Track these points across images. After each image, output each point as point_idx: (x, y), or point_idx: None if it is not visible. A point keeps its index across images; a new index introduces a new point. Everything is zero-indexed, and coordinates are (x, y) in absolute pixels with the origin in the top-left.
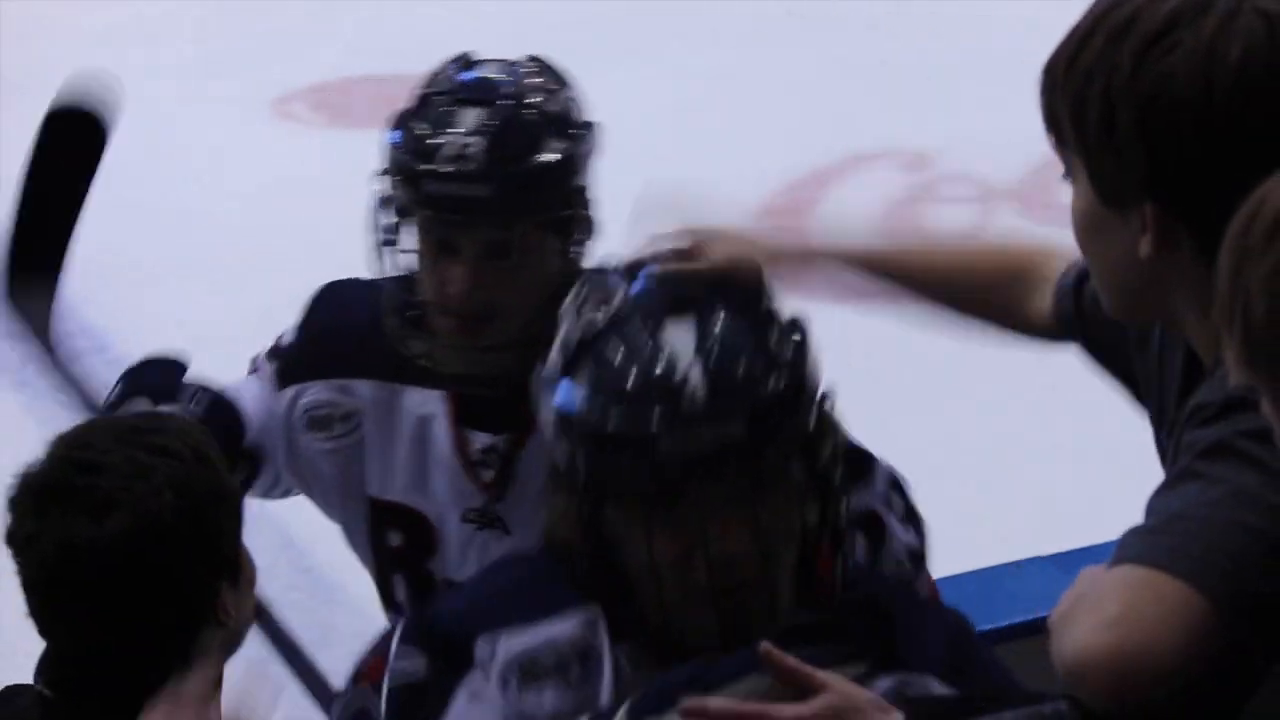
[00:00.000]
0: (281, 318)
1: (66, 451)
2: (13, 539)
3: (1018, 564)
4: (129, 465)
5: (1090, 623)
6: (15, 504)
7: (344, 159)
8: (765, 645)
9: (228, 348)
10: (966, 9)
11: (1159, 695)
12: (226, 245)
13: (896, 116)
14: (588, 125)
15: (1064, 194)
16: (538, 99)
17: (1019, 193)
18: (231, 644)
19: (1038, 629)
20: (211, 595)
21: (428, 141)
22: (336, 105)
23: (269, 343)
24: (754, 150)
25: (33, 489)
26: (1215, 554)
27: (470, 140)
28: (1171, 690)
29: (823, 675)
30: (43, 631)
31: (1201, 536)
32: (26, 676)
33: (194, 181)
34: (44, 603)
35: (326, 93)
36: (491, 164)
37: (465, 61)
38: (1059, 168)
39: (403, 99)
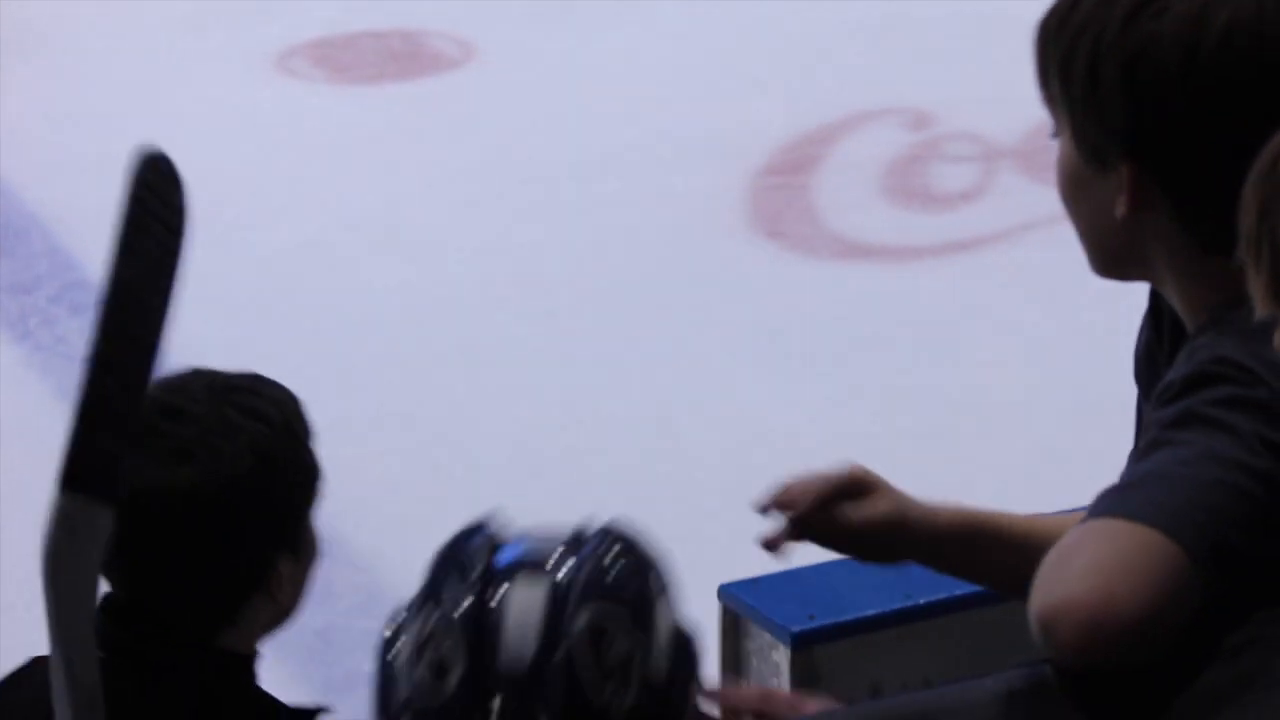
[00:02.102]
0: (280, 271)
1: (159, 393)
2: None
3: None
4: (217, 420)
5: (1060, 575)
6: None
7: (345, 114)
8: None
9: (227, 301)
10: None
11: (1128, 649)
12: (226, 200)
13: (900, 74)
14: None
15: None
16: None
17: (1022, 151)
18: (278, 619)
19: None
20: (269, 566)
21: None
22: (338, 60)
23: None
24: (757, 107)
25: None
26: (1190, 507)
27: None
28: (1140, 645)
29: None
30: (105, 573)
31: (1176, 491)
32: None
33: (194, 137)
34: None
35: (328, 48)
36: None
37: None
38: None
39: (404, 53)
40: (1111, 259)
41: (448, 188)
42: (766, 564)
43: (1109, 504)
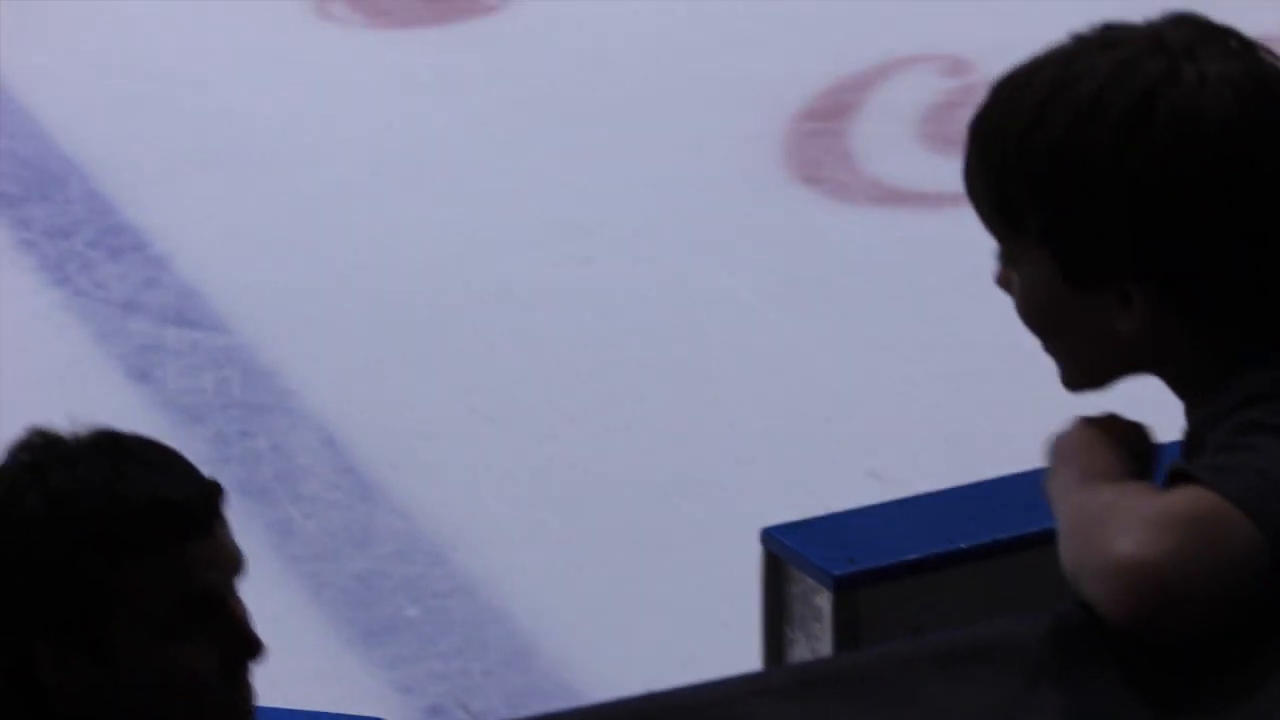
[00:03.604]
0: (317, 214)
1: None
2: None
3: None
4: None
5: (1140, 526)
6: None
7: (384, 58)
8: None
9: (263, 242)
10: None
11: (1185, 618)
12: (262, 144)
13: (935, 21)
14: None
15: None
16: None
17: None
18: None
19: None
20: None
21: None
22: (377, 5)
23: None
24: (792, 53)
25: None
26: (1269, 491)
27: None
28: (1196, 619)
29: None
30: None
31: (1251, 476)
32: None
33: (231, 80)
34: None
35: None
36: None
37: None
38: None
39: None
40: (1102, 373)
41: (485, 131)
42: (808, 508)
43: (1203, 476)
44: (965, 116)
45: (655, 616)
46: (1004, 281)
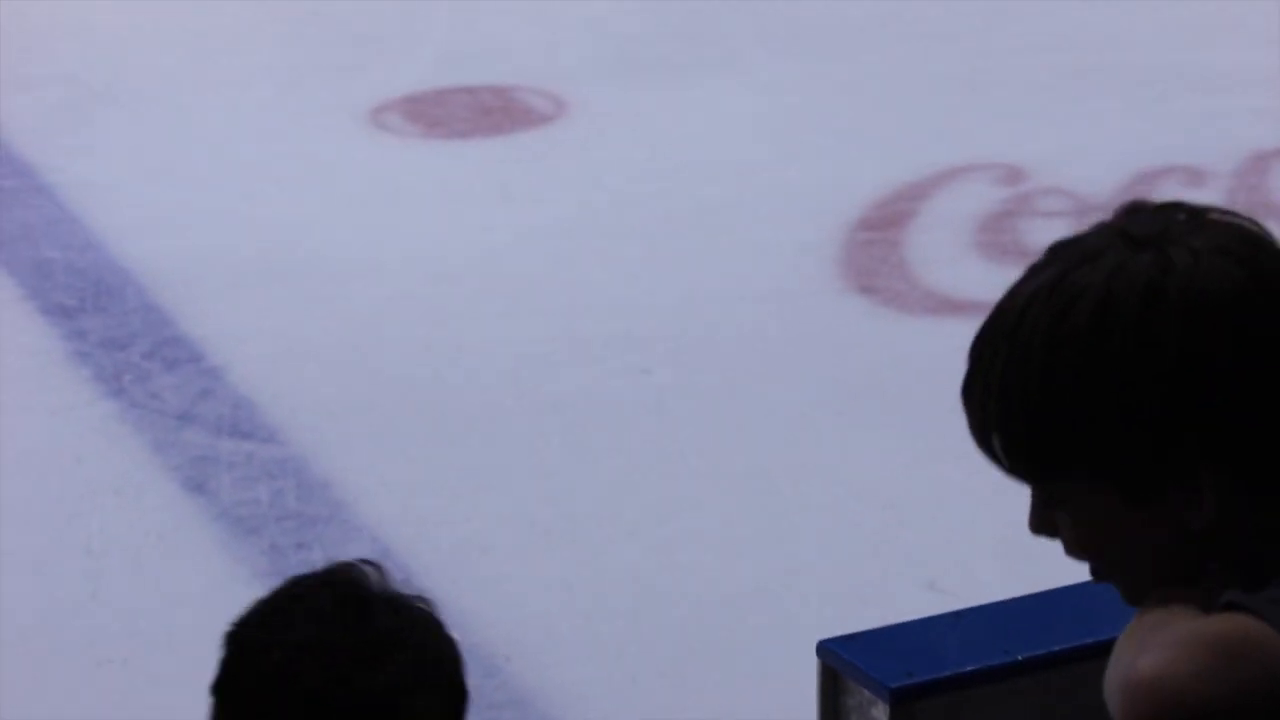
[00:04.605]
0: (375, 325)
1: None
2: None
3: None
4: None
5: (1168, 645)
6: None
7: (439, 169)
8: None
9: (321, 355)
10: (1054, 24)
11: None
12: (320, 255)
13: (989, 130)
14: None
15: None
16: None
17: (1113, 205)
18: None
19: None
20: None
21: None
22: (432, 115)
23: None
24: (847, 163)
25: None
26: None
27: None
28: None
29: None
30: None
31: None
32: None
33: (288, 192)
34: None
35: (421, 103)
36: None
37: None
38: (1154, 179)
39: (496, 108)
40: (1171, 578)
41: (541, 243)
42: (865, 620)
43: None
44: (1020, 225)
45: None
46: (1045, 527)
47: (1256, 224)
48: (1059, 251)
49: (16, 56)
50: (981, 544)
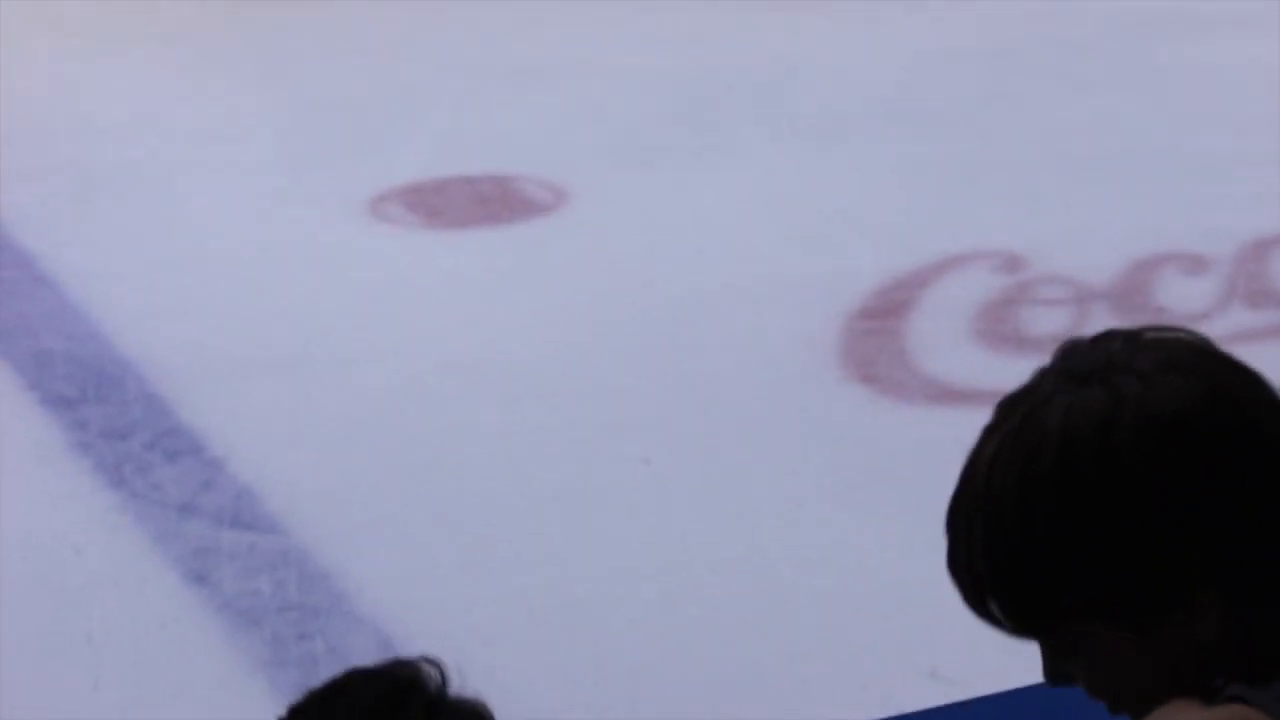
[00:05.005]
0: (376, 414)
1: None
2: None
3: None
4: None
5: None
6: None
7: (439, 258)
8: None
9: (322, 444)
10: (1053, 111)
11: None
12: (321, 344)
13: (988, 217)
14: None
15: (1164, 293)
16: None
17: (1114, 293)
18: None
19: None
20: None
21: None
22: (431, 205)
23: None
24: (846, 251)
25: None
26: None
27: None
28: None
29: None
30: None
31: None
32: None
33: (288, 280)
34: None
35: (421, 192)
36: None
37: None
38: (1154, 266)
39: (496, 197)
40: (1182, 692)
41: (540, 332)
42: (868, 708)
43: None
44: (1020, 313)
45: None
46: (1062, 677)
47: (1195, 334)
48: (1008, 408)
49: (17, 147)
50: (983, 631)
